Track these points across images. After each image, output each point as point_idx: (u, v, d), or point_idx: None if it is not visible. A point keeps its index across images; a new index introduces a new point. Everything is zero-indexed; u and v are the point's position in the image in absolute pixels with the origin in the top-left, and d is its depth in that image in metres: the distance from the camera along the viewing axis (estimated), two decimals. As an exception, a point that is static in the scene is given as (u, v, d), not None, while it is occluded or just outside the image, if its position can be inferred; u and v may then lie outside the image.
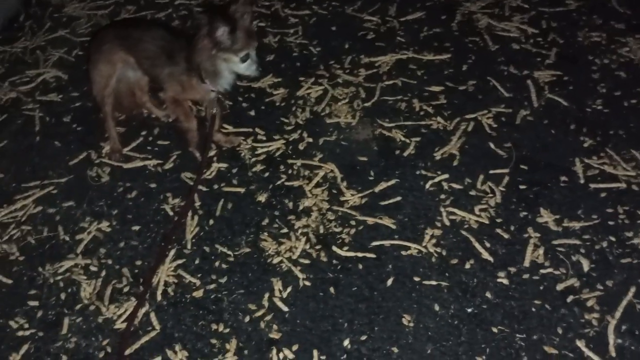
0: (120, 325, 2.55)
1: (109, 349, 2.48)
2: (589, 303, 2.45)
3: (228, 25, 2.61)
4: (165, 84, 2.95)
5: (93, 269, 2.75)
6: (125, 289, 2.68)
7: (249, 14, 2.71)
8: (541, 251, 2.63)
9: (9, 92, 3.66)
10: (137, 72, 3.10)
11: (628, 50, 3.54)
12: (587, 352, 2.31)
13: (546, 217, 2.76)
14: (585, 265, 2.57)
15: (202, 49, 2.72)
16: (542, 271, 2.57)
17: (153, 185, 3.07)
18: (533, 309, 2.46)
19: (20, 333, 2.56)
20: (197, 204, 2.95)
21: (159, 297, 2.62)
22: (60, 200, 3.04)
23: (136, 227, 2.90)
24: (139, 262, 2.76)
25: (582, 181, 2.89)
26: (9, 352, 2.49)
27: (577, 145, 3.05)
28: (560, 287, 2.51)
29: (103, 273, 2.74)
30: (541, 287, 2.52)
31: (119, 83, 3.15)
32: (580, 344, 2.33)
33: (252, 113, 3.39)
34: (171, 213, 2.94)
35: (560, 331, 2.38)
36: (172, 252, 2.76)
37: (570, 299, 2.47)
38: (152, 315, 2.56)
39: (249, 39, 2.70)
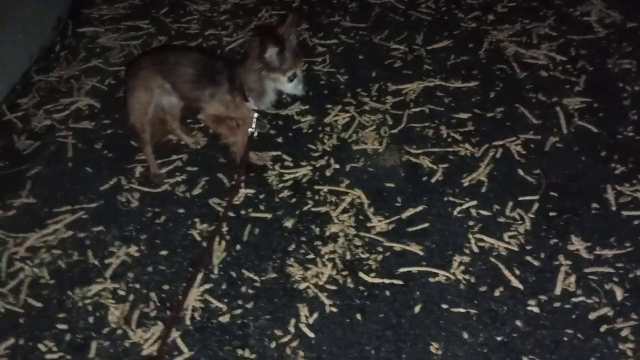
0: (147, 349, 2.55)
1: (135, 374, 2.49)
2: (623, 333, 2.39)
3: (277, 46, 2.71)
4: (206, 104, 3.01)
5: (121, 293, 2.77)
6: (153, 314, 2.68)
7: (295, 35, 2.83)
8: (573, 279, 2.58)
9: (43, 120, 3.74)
10: (171, 98, 3.16)
11: (659, 77, 3.50)
12: (622, 383, 2.24)
13: (577, 244, 2.71)
14: (619, 294, 2.51)
15: (252, 69, 2.83)
16: (574, 300, 2.52)
17: (181, 211, 3.10)
18: (565, 339, 2.40)
19: (48, 356, 2.57)
20: (225, 229, 2.96)
21: (185, 322, 2.62)
22: (90, 225, 3.08)
23: (164, 252, 2.92)
24: (166, 287, 2.77)
25: (614, 208, 2.84)
26: (37, 374, 2.51)
27: (609, 172, 3.01)
28: (593, 316, 2.46)
29: (131, 297, 2.75)
30: (573, 316, 2.47)
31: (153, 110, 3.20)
32: (615, 374, 2.27)
33: (280, 140, 3.42)
34: (199, 238, 2.96)
35: (593, 361, 2.32)
36: (199, 277, 2.77)
37: (603, 328, 2.41)
38: (179, 340, 2.56)
39: (295, 59, 2.82)
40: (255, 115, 3.01)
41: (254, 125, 3.02)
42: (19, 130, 3.70)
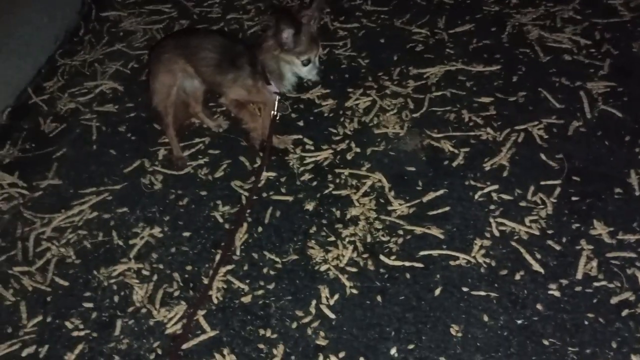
0: (170, 328, 2.60)
1: (159, 351, 2.54)
2: (645, 317, 2.38)
3: (293, 27, 2.70)
4: (228, 88, 3.03)
5: (145, 273, 2.82)
6: (176, 293, 2.73)
7: (316, 20, 2.82)
8: (594, 264, 2.57)
9: (68, 103, 3.80)
10: (193, 81, 3.19)
11: (686, 61, 3.44)
12: (643, 368, 2.24)
13: (600, 229, 2.70)
14: (641, 279, 2.50)
15: (267, 49, 2.83)
16: (596, 284, 2.51)
17: (204, 193, 3.14)
18: (586, 322, 2.40)
19: (75, 333, 2.63)
20: (247, 211, 2.99)
21: (208, 302, 2.66)
22: (114, 206, 3.13)
23: (187, 234, 2.96)
24: (189, 268, 2.82)
25: (637, 193, 2.82)
26: (64, 351, 2.57)
27: (632, 156, 2.98)
28: (614, 300, 2.45)
29: (155, 277, 2.80)
30: (594, 300, 2.46)
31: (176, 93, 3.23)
32: (636, 358, 2.26)
33: (301, 123, 3.43)
34: (221, 220, 2.99)
35: (614, 345, 2.31)
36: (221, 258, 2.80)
37: (625, 312, 2.41)
38: (202, 320, 2.60)
39: (311, 43, 2.80)
40: (277, 98, 3.02)
41: (276, 108, 3.04)
42: (45, 113, 3.76)
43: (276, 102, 3.03)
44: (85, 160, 3.42)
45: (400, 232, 2.82)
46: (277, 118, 3.07)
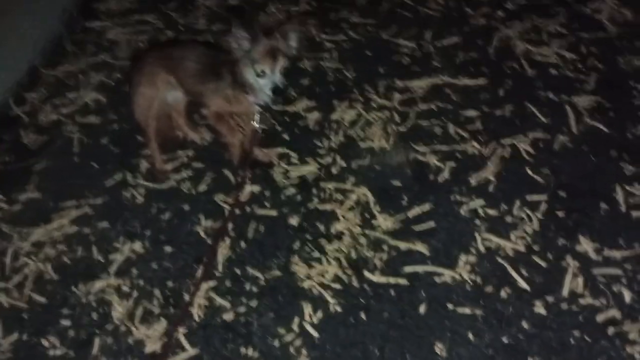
0: (150, 346, 2.55)
1: (138, 371, 2.49)
2: (631, 336, 2.36)
3: (247, 33, 2.67)
4: (209, 99, 2.98)
5: (125, 289, 2.77)
6: (156, 311, 2.68)
7: (294, 39, 2.78)
8: (580, 280, 2.55)
9: (50, 114, 3.74)
10: (176, 93, 3.14)
11: (671, 75, 3.44)
12: (629, 387, 2.22)
13: (586, 245, 2.68)
14: (627, 296, 2.48)
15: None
16: (582, 301, 2.49)
17: (186, 207, 3.09)
18: (572, 340, 2.38)
19: (52, 352, 2.58)
20: (230, 226, 2.94)
21: (189, 319, 2.61)
22: (95, 220, 3.08)
23: (169, 249, 2.91)
24: (170, 284, 2.77)
25: (623, 209, 2.80)
26: (40, 370, 2.52)
27: (618, 172, 2.97)
28: (600, 318, 2.43)
29: (135, 294, 2.75)
30: (580, 318, 2.44)
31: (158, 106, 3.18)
32: (622, 378, 2.24)
33: (286, 136, 3.39)
34: (204, 235, 2.95)
35: (600, 364, 2.29)
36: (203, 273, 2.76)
37: (611, 330, 2.39)
38: (182, 338, 2.55)
39: (268, 55, 2.70)
40: (259, 110, 2.96)
41: (257, 121, 2.99)
42: (26, 125, 3.70)
43: (257, 114, 2.97)
44: (67, 173, 3.36)
45: (385, 247, 2.79)
46: (259, 130, 3.02)
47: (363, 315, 2.55)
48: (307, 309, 2.60)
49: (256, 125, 2.98)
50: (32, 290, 2.80)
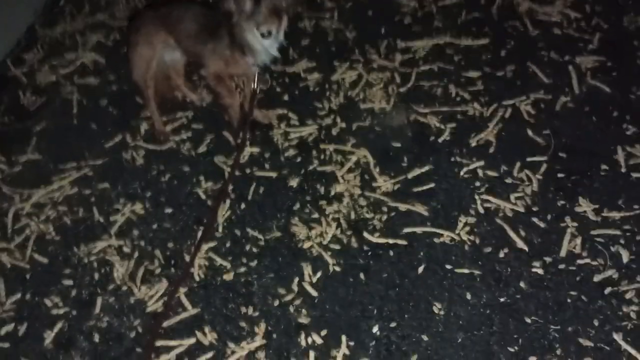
0: (152, 306, 2.58)
1: (140, 329, 2.52)
2: (628, 295, 2.38)
3: None
4: (208, 60, 2.94)
5: (126, 250, 2.79)
6: (157, 271, 2.71)
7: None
8: (579, 241, 2.56)
9: (48, 76, 3.71)
10: (174, 53, 3.11)
11: (677, 35, 3.39)
12: (625, 346, 2.25)
13: (585, 206, 2.68)
14: (625, 257, 2.49)
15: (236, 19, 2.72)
16: (579, 262, 2.51)
17: (186, 169, 3.09)
18: (568, 300, 2.40)
19: (54, 311, 2.61)
20: (230, 187, 2.95)
21: (189, 279, 2.64)
22: (95, 181, 3.08)
23: (169, 210, 2.92)
24: (171, 245, 2.79)
25: (623, 170, 2.80)
26: (43, 329, 2.55)
27: (620, 133, 2.95)
28: (597, 278, 2.45)
29: (136, 254, 2.77)
30: (578, 278, 2.46)
31: (156, 66, 3.15)
32: (618, 337, 2.27)
33: (286, 97, 3.37)
34: (204, 196, 2.95)
35: (596, 323, 2.32)
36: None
37: (608, 290, 2.41)
38: (183, 297, 2.58)
39: (272, 15, 2.65)
40: (257, 71, 2.93)
41: (255, 82, 2.96)
42: (24, 86, 3.67)
43: (256, 75, 2.94)
44: (66, 134, 3.35)
45: (385, 209, 2.79)
46: (258, 92, 3.00)
47: (362, 276, 2.57)
48: (307, 269, 2.62)
49: (255, 86, 2.96)
50: (33, 250, 2.82)
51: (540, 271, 2.49)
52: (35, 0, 4.11)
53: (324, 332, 2.42)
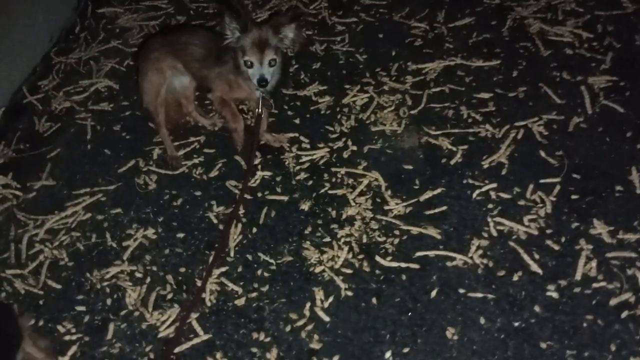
0: (163, 332, 2.58)
1: (152, 355, 2.52)
2: (645, 319, 2.33)
3: (237, 23, 2.67)
4: (214, 84, 2.99)
5: (138, 275, 2.79)
6: (169, 296, 2.70)
7: (290, 33, 2.74)
8: (594, 264, 2.52)
9: (63, 102, 3.76)
10: (184, 79, 3.15)
11: (690, 54, 3.36)
12: (643, 371, 2.20)
13: (600, 228, 2.64)
14: (642, 280, 2.45)
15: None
16: (595, 285, 2.46)
17: (198, 193, 3.10)
18: (584, 325, 2.36)
19: (67, 337, 2.61)
20: (241, 212, 2.95)
21: (201, 305, 2.63)
22: (108, 207, 3.10)
23: (181, 235, 2.93)
24: (183, 270, 2.79)
25: (638, 191, 2.76)
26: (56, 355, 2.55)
27: (634, 153, 2.91)
28: (614, 302, 2.40)
29: (148, 280, 2.77)
30: (593, 302, 2.42)
31: (167, 92, 3.19)
32: (635, 362, 2.22)
33: (297, 121, 3.38)
34: (215, 221, 2.96)
35: (613, 348, 2.27)
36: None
37: (624, 314, 2.36)
38: (195, 323, 2.57)
39: (255, 47, 2.69)
40: (261, 94, 2.95)
41: (260, 105, 2.97)
42: (39, 113, 3.72)
43: (260, 100, 2.96)
44: (80, 160, 3.38)
45: (397, 232, 2.78)
46: (263, 116, 3.02)
47: (374, 300, 2.55)
48: (319, 294, 2.60)
49: (259, 110, 2.98)
50: (47, 276, 2.83)
51: (555, 295, 2.45)
52: (51, 28, 4.18)
53: (336, 358, 2.39)
